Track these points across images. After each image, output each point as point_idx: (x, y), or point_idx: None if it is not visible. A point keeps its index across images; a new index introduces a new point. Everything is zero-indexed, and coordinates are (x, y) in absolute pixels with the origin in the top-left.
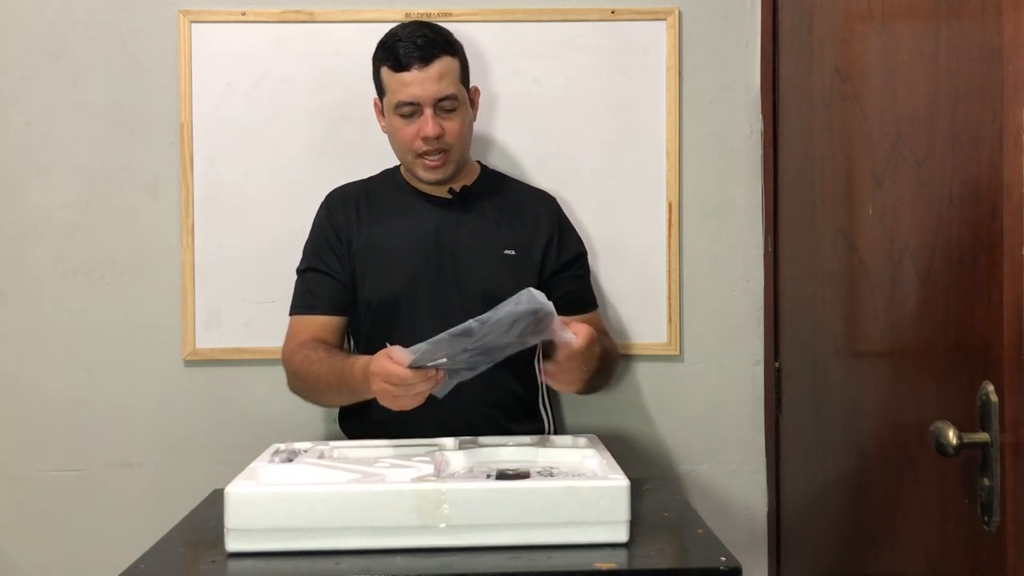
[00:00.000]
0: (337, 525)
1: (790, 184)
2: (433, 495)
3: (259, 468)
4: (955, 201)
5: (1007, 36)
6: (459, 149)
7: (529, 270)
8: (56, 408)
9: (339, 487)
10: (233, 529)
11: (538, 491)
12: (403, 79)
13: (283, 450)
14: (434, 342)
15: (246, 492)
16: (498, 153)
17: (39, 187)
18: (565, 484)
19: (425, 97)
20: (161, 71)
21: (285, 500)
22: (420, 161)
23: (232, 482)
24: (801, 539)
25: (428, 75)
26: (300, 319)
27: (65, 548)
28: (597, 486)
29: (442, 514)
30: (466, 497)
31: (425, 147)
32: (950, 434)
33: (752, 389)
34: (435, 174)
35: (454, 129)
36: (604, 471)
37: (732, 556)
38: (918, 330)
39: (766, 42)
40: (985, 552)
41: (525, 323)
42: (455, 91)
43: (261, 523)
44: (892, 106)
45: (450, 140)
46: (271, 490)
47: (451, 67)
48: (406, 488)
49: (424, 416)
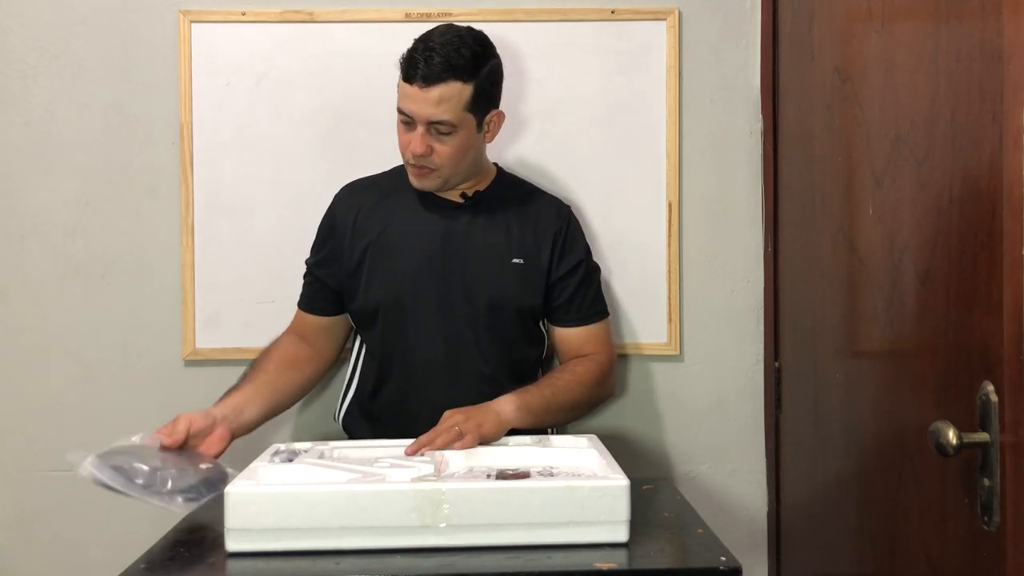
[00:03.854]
0: (337, 525)
1: (790, 184)
2: (433, 495)
3: (259, 468)
4: (955, 201)
5: (1007, 36)
6: (449, 169)
7: (536, 279)
8: (56, 408)
9: (339, 487)
10: (233, 529)
11: (538, 491)
12: (405, 90)
13: (283, 450)
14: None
15: (246, 492)
16: (497, 153)
17: (39, 187)
18: (565, 484)
19: (419, 115)
20: (161, 71)
21: (285, 500)
22: (408, 167)
23: (232, 482)
24: (801, 539)
25: (427, 96)
26: (299, 314)
27: (65, 548)
28: (597, 486)
29: (442, 514)
30: (466, 497)
31: (412, 160)
32: (950, 434)
33: (752, 389)
34: (419, 183)
35: (444, 152)
36: (604, 471)
37: (732, 556)
38: (918, 330)
39: (766, 42)
40: (985, 552)
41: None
42: (451, 118)
43: (261, 523)
44: (892, 106)
45: (438, 161)
46: (271, 490)
47: (456, 93)
48: (406, 488)
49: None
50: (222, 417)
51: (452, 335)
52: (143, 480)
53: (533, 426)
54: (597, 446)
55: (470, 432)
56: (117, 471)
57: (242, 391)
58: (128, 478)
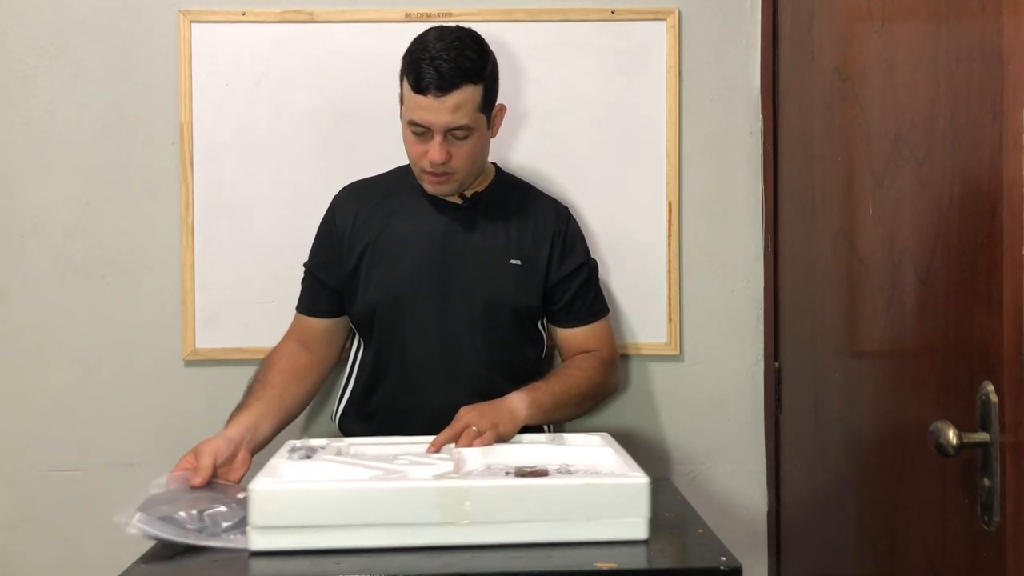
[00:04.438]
0: (361, 522)
1: (790, 184)
2: (456, 492)
3: (279, 465)
4: (955, 201)
5: (1007, 36)
6: (466, 171)
7: (534, 280)
8: (56, 408)
9: (363, 484)
10: (257, 527)
11: (559, 488)
12: (419, 101)
13: (299, 447)
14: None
15: (270, 489)
16: (497, 153)
17: (39, 187)
18: (586, 481)
19: (437, 125)
20: (161, 71)
21: (309, 497)
22: (425, 176)
23: (255, 479)
24: (801, 539)
25: (444, 105)
26: (299, 317)
27: (65, 548)
28: (618, 483)
29: (465, 511)
30: (489, 494)
31: (431, 168)
32: (950, 434)
33: (752, 389)
34: (437, 189)
35: (462, 155)
36: (623, 468)
37: (732, 556)
38: (918, 330)
39: (766, 42)
40: (985, 552)
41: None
42: (469, 121)
43: (285, 520)
44: (892, 106)
45: (456, 165)
46: (295, 487)
47: (470, 97)
48: (430, 485)
49: (422, 421)
50: (240, 439)
51: (449, 335)
52: (195, 526)
53: (542, 423)
54: (612, 444)
55: (487, 430)
56: (167, 522)
57: (253, 409)
58: (179, 526)
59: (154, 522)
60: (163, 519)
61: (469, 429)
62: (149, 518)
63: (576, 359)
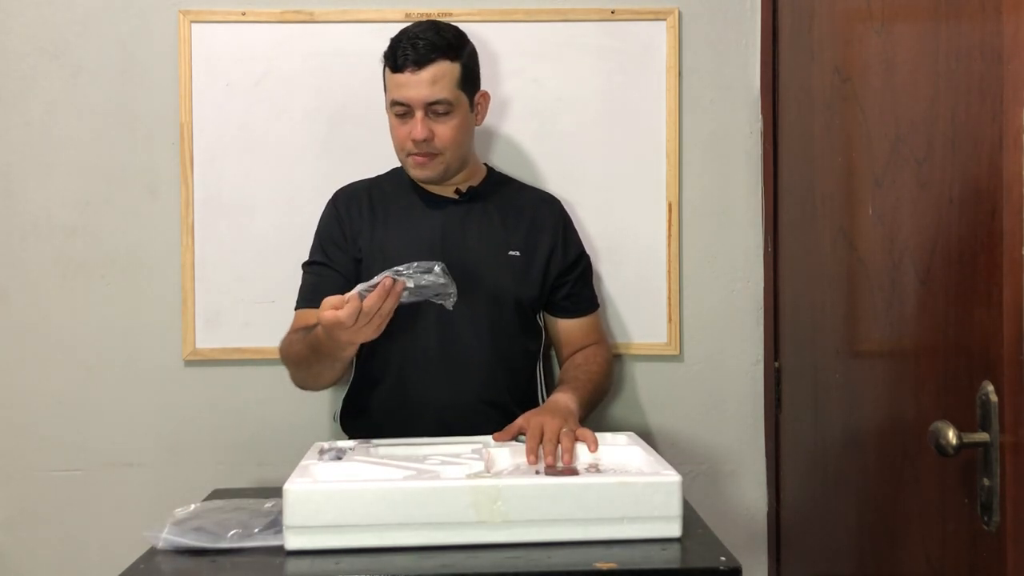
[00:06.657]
0: (395, 521)
1: (790, 184)
2: (490, 491)
3: (312, 466)
4: (955, 201)
5: (1007, 36)
6: (452, 152)
7: (534, 272)
8: (56, 408)
9: (398, 483)
10: (292, 527)
11: (593, 487)
12: (397, 80)
13: (328, 448)
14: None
15: (305, 489)
16: (498, 153)
17: (39, 187)
18: (619, 480)
19: (416, 100)
20: (161, 71)
21: (345, 497)
22: (410, 159)
23: (289, 479)
24: (801, 539)
25: (420, 79)
26: (301, 312)
27: (65, 548)
28: (651, 481)
29: (499, 510)
30: (523, 493)
31: (415, 148)
32: (950, 434)
33: (752, 389)
34: (422, 171)
35: (445, 133)
36: (654, 467)
37: (732, 556)
38: (918, 330)
39: (766, 42)
40: (985, 552)
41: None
42: (448, 96)
43: (320, 520)
44: (892, 106)
45: (440, 144)
46: (330, 487)
47: (447, 72)
48: (464, 484)
49: (423, 416)
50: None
51: (451, 329)
52: (231, 531)
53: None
54: (639, 443)
55: (566, 436)
56: (200, 532)
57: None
58: (215, 533)
59: (187, 533)
60: (196, 530)
61: (563, 431)
62: (181, 530)
63: (590, 355)
